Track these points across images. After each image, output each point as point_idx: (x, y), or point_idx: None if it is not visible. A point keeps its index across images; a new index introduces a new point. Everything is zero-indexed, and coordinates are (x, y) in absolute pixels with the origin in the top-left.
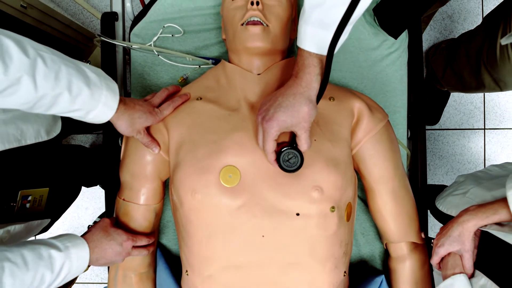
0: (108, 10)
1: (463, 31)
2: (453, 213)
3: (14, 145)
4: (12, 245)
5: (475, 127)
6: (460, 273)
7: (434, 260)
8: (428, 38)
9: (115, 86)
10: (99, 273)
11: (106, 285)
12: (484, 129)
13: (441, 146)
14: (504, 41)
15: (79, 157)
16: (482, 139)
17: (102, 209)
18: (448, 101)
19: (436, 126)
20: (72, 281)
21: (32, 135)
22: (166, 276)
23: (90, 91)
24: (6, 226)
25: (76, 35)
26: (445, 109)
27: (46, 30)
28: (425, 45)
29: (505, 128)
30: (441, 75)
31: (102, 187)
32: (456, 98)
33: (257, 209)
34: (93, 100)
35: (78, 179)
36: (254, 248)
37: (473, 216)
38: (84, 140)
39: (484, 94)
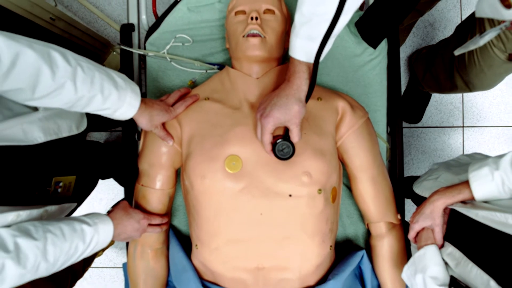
0: (121, 19)
1: (444, 38)
2: (426, 195)
3: (53, 137)
4: (51, 220)
5: (454, 125)
6: (432, 244)
7: (411, 235)
8: (412, 44)
9: (137, 89)
10: (112, 258)
11: (118, 269)
12: (463, 127)
13: (424, 142)
14: (456, 52)
15: (96, 151)
16: (461, 136)
17: (115, 200)
18: (430, 101)
19: (419, 124)
20: (93, 257)
21: (66, 129)
22: (177, 251)
23: (118, 93)
24: (45, 207)
25: (93, 42)
26: (427, 108)
27: (69, 38)
28: (408, 51)
29: (482, 126)
30: (422, 78)
31: (115, 180)
32: (437, 99)
33: (256, 191)
34: (120, 100)
35: (96, 171)
36: (254, 224)
37: (442, 196)
38: (98, 137)
39: (462, 95)
